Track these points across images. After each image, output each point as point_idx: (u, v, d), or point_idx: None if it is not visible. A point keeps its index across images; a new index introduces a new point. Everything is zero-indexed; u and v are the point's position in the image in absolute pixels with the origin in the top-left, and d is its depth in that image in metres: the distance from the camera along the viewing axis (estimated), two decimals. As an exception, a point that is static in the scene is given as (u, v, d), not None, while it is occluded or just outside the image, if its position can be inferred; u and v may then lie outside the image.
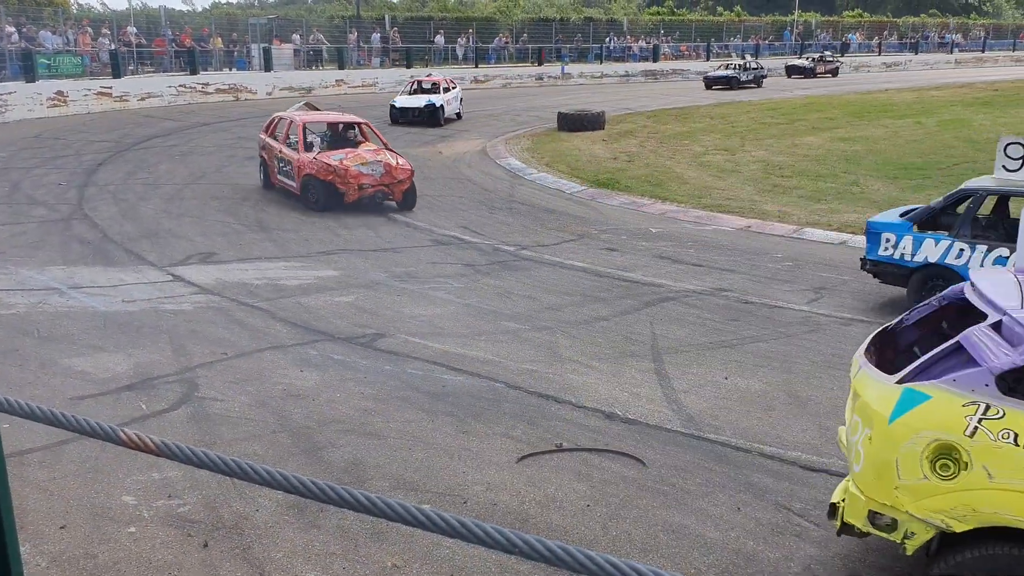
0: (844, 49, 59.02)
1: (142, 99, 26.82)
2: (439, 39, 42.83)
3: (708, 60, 49.63)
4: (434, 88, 24.61)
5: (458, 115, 24.92)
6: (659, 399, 6.08)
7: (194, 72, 30.16)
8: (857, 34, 64.21)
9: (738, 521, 4.48)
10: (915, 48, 62.61)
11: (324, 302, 8.28)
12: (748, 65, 39.02)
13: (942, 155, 18.85)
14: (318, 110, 14.37)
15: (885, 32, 66.41)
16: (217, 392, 6.04)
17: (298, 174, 12.63)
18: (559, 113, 23.43)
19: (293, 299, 8.34)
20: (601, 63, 46.28)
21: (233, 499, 4.58)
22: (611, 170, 16.94)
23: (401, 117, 23.37)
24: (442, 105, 23.46)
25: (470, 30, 45.54)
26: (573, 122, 22.74)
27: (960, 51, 64.11)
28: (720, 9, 75.50)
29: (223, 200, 13.26)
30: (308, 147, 12.92)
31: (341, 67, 35.93)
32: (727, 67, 39.20)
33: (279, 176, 13.40)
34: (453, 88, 25.35)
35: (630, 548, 4.25)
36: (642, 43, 51.76)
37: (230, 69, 33.34)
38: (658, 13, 65.51)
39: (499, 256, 10.37)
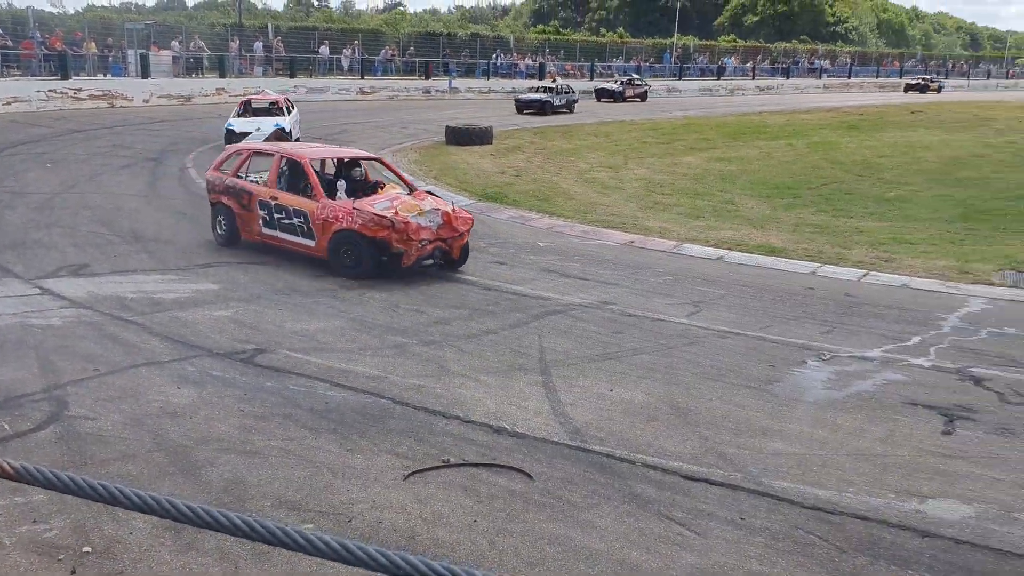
0: (720, 72, 61.20)
1: (7, 103, 25.44)
2: (324, 49, 42.31)
3: (592, 79, 50.62)
4: (274, 109, 20.88)
5: (297, 139, 20.87)
6: (546, 412, 6.13)
7: (65, 77, 28.84)
8: (733, 58, 66.70)
9: (622, 531, 4.55)
10: (787, 73, 65.51)
11: (202, 316, 8.01)
12: (560, 88, 35.58)
13: (812, 176, 19.77)
14: (288, 139, 11.77)
15: (759, 56, 69.27)
16: (88, 410, 5.75)
17: (323, 229, 9.76)
18: (447, 127, 23.47)
19: (170, 313, 8.03)
20: (488, 79, 46.63)
21: (105, 522, 4.36)
22: (499, 184, 17.06)
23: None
24: (290, 130, 19.97)
25: (356, 41, 45.16)
26: (461, 136, 22.82)
27: (828, 76, 67.49)
28: (603, 30, 77.36)
29: (96, 210, 12.68)
30: (330, 192, 10.07)
31: (222, 75, 35.02)
32: (538, 89, 35.59)
33: (269, 230, 10.38)
34: (293, 109, 21.55)
35: (516, 562, 4.26)
36: (528, 60, 52.42)
37: (105, 75, 32.02)
38: (544, 32, 66.58)
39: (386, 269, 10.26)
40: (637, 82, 44.11)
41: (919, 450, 5.69)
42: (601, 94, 42.09)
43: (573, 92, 36.50)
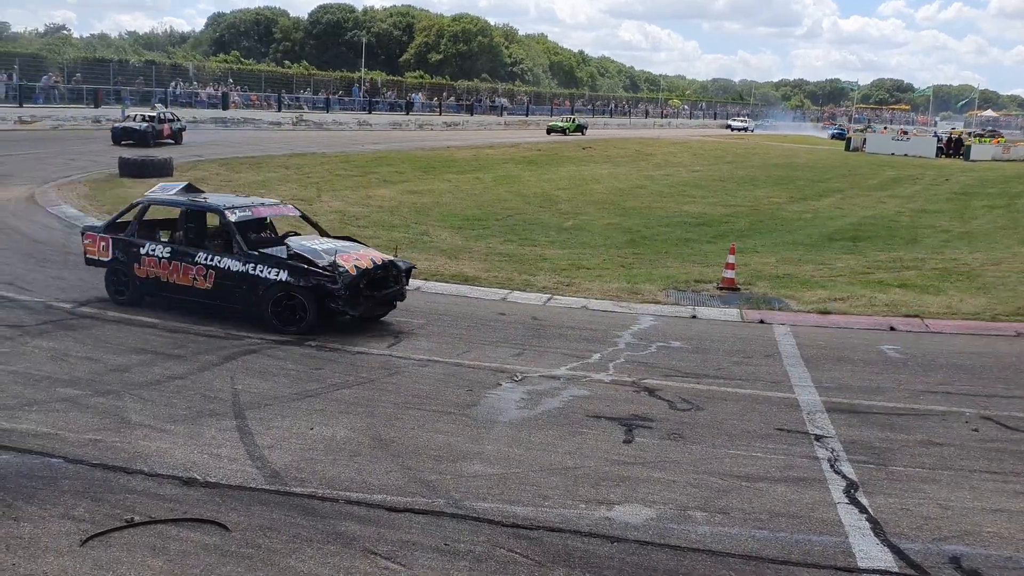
0: (409, 107, 62.73)
1: None
2: (-29, 73, 37.91)
3: (280, 111, 49.74)
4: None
5: None
6: (242, 458, 5.82)
7: None
8: (420, 94, 68.64)
9: (326, 574, 4.41)
10: (471, 110, 68.56)
11: None
12: (163, 116, 31.97)
13: (498, 207, 20.74)
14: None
15: (444, 93, 71.86)
16: None
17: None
18: (121, 158, 21.89)
19: None
20: (167, 108, 44.20)
21: None
22: (182, 220, 16.10)
23: None
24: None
25: (13, 66, 40.95)
26: (137, 168, 21.34)
27: (508, 114, 71.53)
28: (288, 62, 76.35)
29: None
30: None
31: None
32: (137, 118, 31.12)
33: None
34: None
35: (215, 621, 3.97)
36: (211, 90, 50.41)
37: None
38: (226, 61, 64.43)
39: (53, 315, 9.29)
40: (170, 117, 32.93)
41: (604, 460, 6.09)
42: (120, 135, 30.04)
43: (179, 120, 33.17)
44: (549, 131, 55.49)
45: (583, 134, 55.47)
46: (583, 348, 9.03)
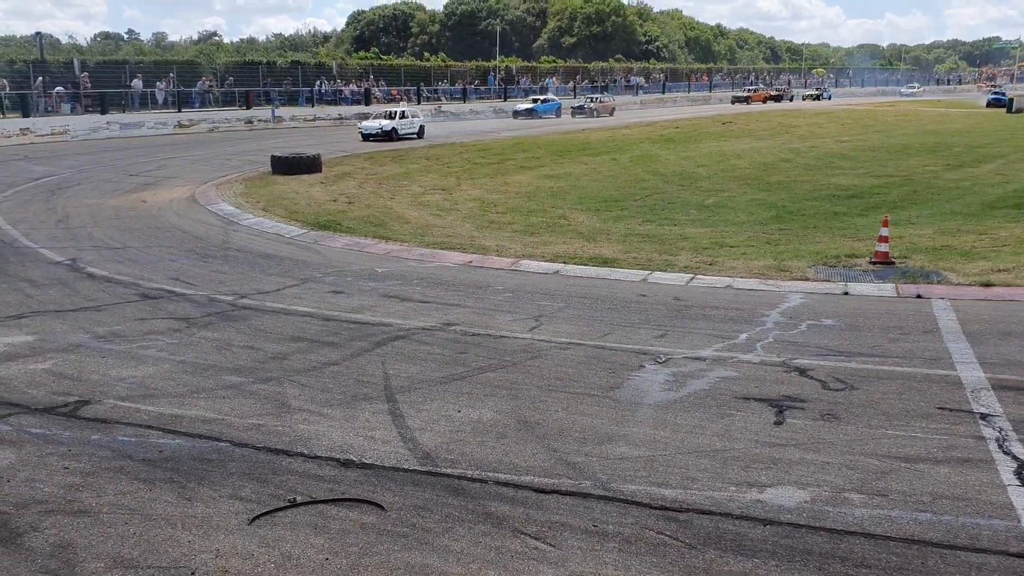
0: (543, 93, 62.75)
1: None
2: (136, 83, 40.54)
3: (419, 103, 50.79)
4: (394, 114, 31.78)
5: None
6: (395, 439, 6.01)
7: None
8: (554, 79, 68.60)
9: (478, 553, 4.51)
10: (605, 90, 67.94)
11: (16, 371, 7.41)
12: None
13: (636, 188, 20.54)
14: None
15: (578, 76, 71.57)
16: None
17: None
18: (273, 156, 22.92)
19: (-23, 371, 7.38)
20: (313, 106, 46.03)
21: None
22: (331, 212, 16.76)
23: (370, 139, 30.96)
24: (395, 128, 31.39)
25: (171, 74, 43.52)
26: (288, 165, 22.31)
27: (644, 93, 70.59)
28: (426, 54, 77.89)
29: None
30: None
31: (26, 115, 32.89)
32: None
33: None
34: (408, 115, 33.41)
35: (374, 596, 4.13)
36: (353, 86, 52.06)
37: None
38: (366, 57, 66.37)
39: (216, 307, 9.86)
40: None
41: (755, 442, 5.95)
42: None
43: None
44: None
45: None
46: (729, 328, 8.84)
